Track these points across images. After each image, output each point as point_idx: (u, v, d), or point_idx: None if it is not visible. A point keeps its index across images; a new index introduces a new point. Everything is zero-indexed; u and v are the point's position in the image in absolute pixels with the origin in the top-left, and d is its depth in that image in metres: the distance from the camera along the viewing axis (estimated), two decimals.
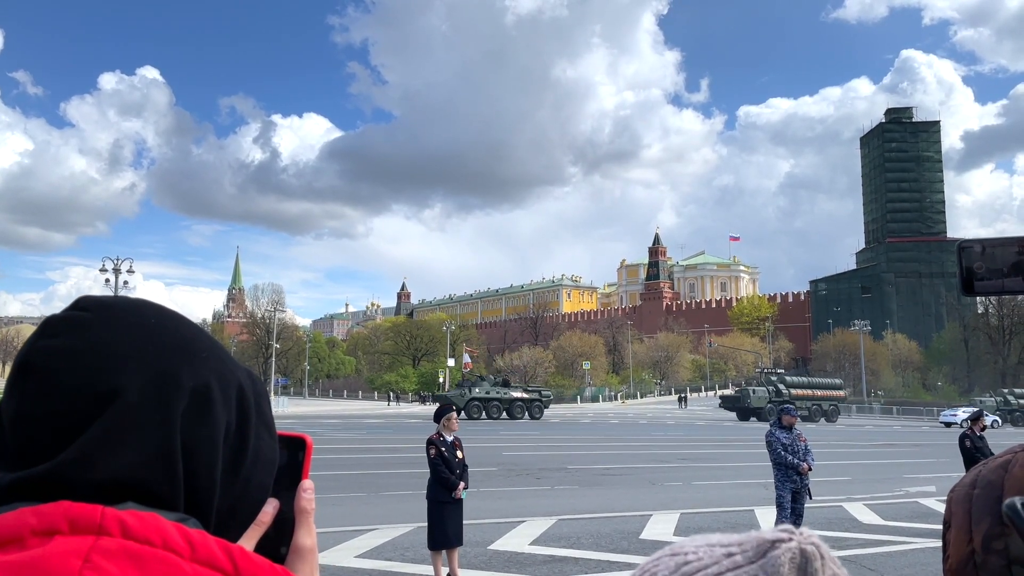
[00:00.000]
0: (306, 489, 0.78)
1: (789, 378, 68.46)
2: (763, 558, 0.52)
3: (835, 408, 66.31)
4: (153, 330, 0.70)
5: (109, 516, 0.59)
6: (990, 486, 0.78)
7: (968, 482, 0.82)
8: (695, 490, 16.83)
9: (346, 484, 16.08)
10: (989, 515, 0.76)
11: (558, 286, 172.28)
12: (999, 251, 0.84)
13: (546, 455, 24.61)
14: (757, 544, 0.54)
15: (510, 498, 14.80)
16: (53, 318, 0.70)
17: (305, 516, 0.77)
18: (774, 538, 0.54)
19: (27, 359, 0.67)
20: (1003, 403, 68.11)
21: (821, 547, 0.54)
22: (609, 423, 51.49)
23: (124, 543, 0.58)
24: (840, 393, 69.79)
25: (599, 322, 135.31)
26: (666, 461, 23.62)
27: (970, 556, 0.76)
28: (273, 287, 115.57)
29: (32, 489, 0.62)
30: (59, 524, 0.58)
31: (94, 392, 0.65)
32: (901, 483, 18.53)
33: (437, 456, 8.14)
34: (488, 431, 36.52)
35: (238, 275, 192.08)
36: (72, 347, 0.67)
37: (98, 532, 0.58)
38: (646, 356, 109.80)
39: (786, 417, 10.53)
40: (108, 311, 0.70)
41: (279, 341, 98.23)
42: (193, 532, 0.61)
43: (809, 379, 70.19)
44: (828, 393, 67.21)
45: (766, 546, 0.53)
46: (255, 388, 0.75)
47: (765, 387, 65.16)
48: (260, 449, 0.74)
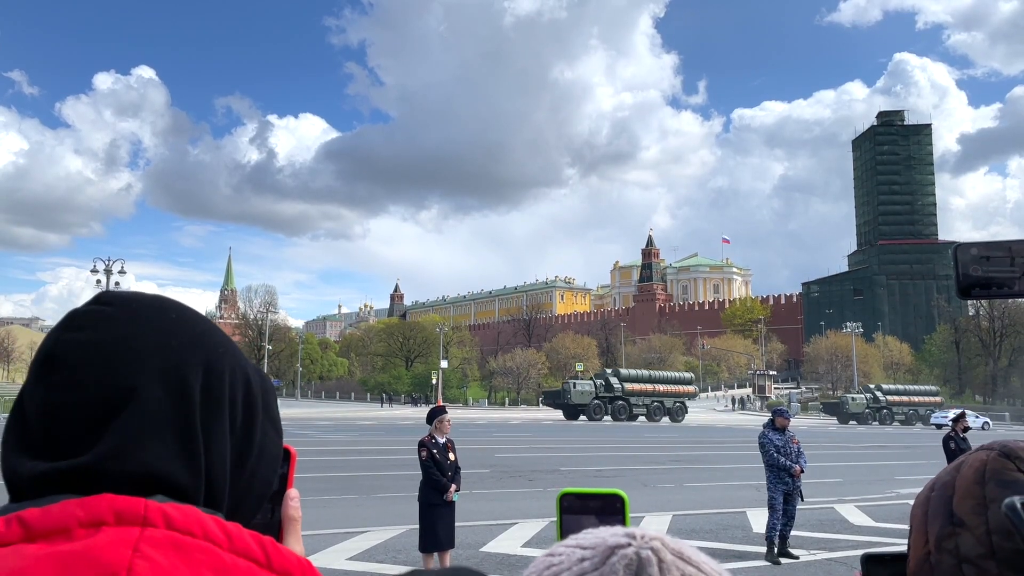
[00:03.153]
0: (292, 498, 0.81)
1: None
2: (604, 565, 0.53)
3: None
4: (174, 325, 0.72)
5: (153, 508, 0.61)
6: (944, 487, 0.79)
7: (929, 486, 0.83)
8: (688, 492, 16.84)
9: (338, 486, 16.02)
10: (941, 516, 0.77)
11: (551, 288, 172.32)
12: (994, 254, 0.85)
13: (539, 457, 24.58)
14: (602, 550, 0.54)
15: (503, 500, 14.77)
16: (77, 312, 0.72)
17: (292, 524, 0.80)
18: (614, 544, 0.54)
19: (53, 351, 0.69)
20: (872, 400, 68.40)
21: (661, 551, 0.54)
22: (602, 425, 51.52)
23: (169, 534, 0.60)
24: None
25: (592, 324, 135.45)
26: (659, 463, 23.64)
27: (926, 557, 0.78)
28: (266, 288, 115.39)
29: (67, 479, 0.63)
30: (105, 516, 0.60)
31: (120, 385, 0.67)
32: (892, 484, 18.58)
33: (429, 458, 8.10)
34: (482, 433, 36.47)
35: (230, 276, 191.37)
36: (98, 341, 0.68)
37: (143, 524, 0.60)
38: (639, 358, 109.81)
39: (779, 419, 10.53)
40: (130, 306, 0.71)
41: (271, 342, 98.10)
42: (229, 524, 0.64)
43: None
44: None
45: (607, 552, 0.54)
46: (263, 384, 0.78)
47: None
48: (265, 444, 0.75)
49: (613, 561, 0.53)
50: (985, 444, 0.81)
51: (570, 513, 0.77)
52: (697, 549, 0.56)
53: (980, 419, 56.89)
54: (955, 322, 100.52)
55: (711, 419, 64.30)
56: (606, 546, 0.54)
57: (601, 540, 0.55)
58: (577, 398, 57.33)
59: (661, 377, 63.99)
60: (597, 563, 0.53)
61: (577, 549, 0.56)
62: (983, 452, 0.79)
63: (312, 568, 0.67)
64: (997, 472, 0.76)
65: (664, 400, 61.17)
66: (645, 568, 0.52)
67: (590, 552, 0.54)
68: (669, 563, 0.53)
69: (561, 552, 0.57)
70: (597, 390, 58.76)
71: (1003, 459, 0.77)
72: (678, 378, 65.48)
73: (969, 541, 0.73)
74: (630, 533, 0.55)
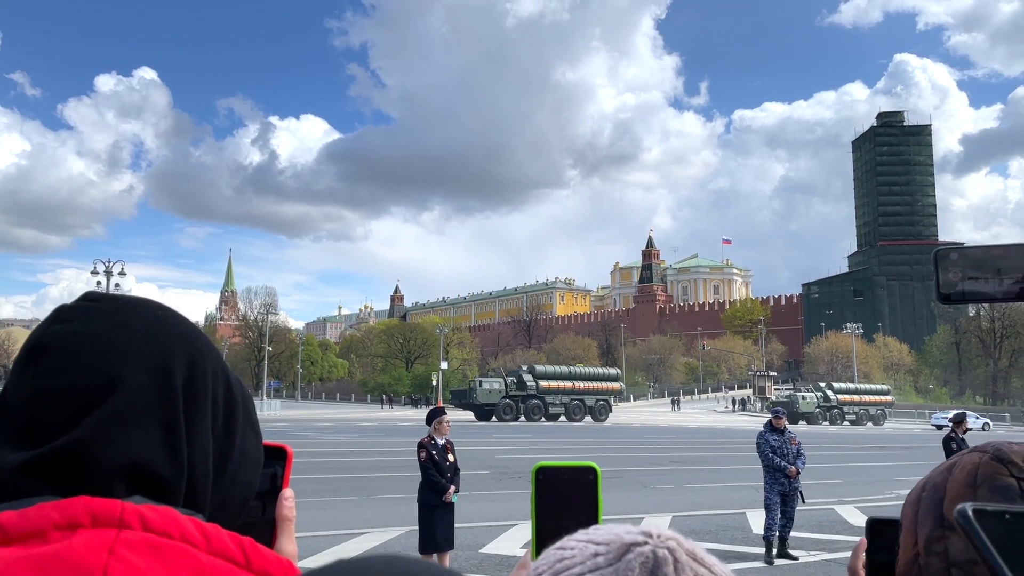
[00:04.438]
0: (287, 497, 0.81)
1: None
2: (619, 561, 0.53)
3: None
4: (160, 321, 0.73)
5: (129, 510, 0.61)
6: (935, 488, 0.78)
7: (920, 485, 0.82)
8: (687, 493, 16.84)
9: (337, 487, 16.03)
10: (931, 517, 0.76)
11: (551, 289, 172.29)
12: (974, 259, 0.85)
13: (538, 458, 24.42)
14: (618, 546, 0.54)
15: (502, 501, 14.77)
16: (66, 306, 0.73)
17: (287, 523, 0.80)
18: (631, 541, 0.54)
19: (41, 341, 0.69)
20: (823, 399, 67.49)
21: (677, 551, 0.53)
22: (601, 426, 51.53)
23: (145, 536, 0.60)
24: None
25: (592, 325, 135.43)
26: (658, 464, 23.65)
27: (915, 558, 0.77)
28: (266, 290, 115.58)
29: (48, 465, 0.64)
30: (81, 518, 0.60)
31: (106, 374, 0.67)
32: (892, 485, 18.58)
33: (428, 459, 8.10)
34: (481, 434, 36.47)
35: (230, 278, 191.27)
36: (86, 331, 0.69)
37: (119, 526, 0.60)
38: (639, 359, 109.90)
39: (776, 419, 10.54)
40: (116, 302, 0.73)
41: (272, 344, 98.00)
42: (207, 525, 0.64)
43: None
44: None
45: (623, 549, 0.53)
46: (242, 390, 0.78)
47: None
48: (246, 448, 0.76)
49: (629, 558, 0.52)
50: (979, 446, 0.80)
51: (545, 486, 0.78)
52: (706, 550, 0.56)
53: (980, 420, 56.89)
54: (955, 323, 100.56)
55: (711, 420, 64.25)
56: (622, 543, 0.54)
57: (616, 536, 0.55)
58: (483, 397, 54.55)
59: (581, 374, 60.60)
60: (612, 559, 0.53)
61: (590, 544, 0.55)
62: (976, 454, 0.78)
63: (292, 568, 0.67)
64: (989, 476, 0.75)
65: (585, 398, 58.19)
66: (661, 567, 0.52)
67: (604, 548, 0.54)
68: (684, 563, 0.53)
69: (572, 546, 0.56)
70: (508, 388, 55.68)
71: (996, 463, 0.76)
72: (601, 374, 62.08)
73: (959, 545, 0.71)
74: (646, 531, 0.55)
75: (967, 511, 0.61)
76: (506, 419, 54.45)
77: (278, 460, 0.83)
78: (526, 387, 56.26)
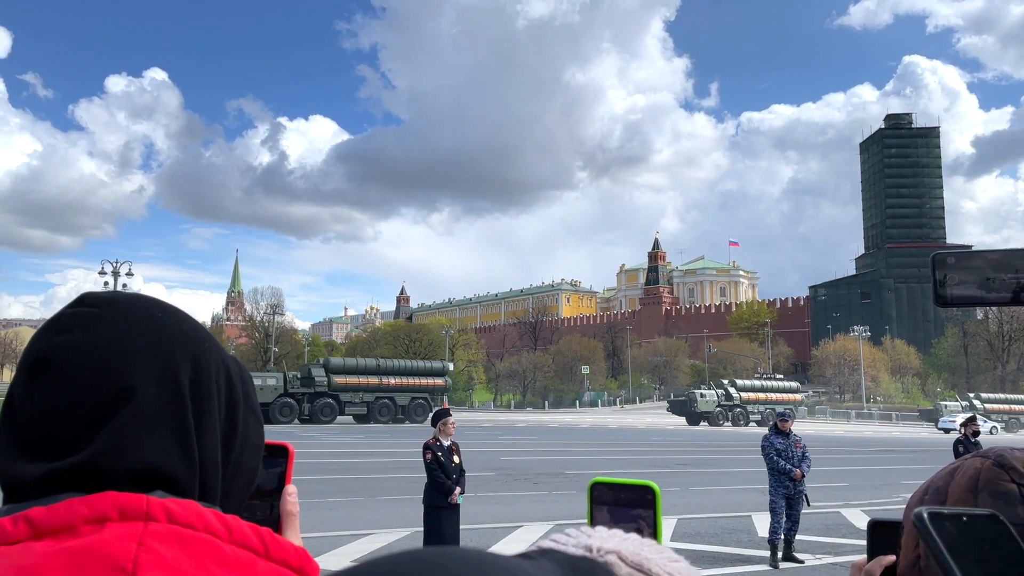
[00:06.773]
0: (290, 493, 0.83)
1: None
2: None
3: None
4: (161, 323, 0.73)
5: (154, 504, 0.63)
6: (937, 492, 0.79)
7: (923, 489, 0.83)
8: (692, 496, 16.82)
9: (343, 488, 16.07)
10: None
11: (557, 290, 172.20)
12: (970, 264, 0.86)
13: (544, 460, 24.58)
14: (565, 561, 0.51)
15: (507, 503, 14.78)
16: (63, 314, 0.73)
17: (291, 518, 0.82)
18: (578, 557, 0.52)
19: (44, 355, 0.70)
20: (725, 397, 62.23)
21: (616, 565, 0.51)
22: (608, 427, 51.45)
23: (172, 528, 0.62)
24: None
25: (598, 327, 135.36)
26: (664, 466, 23.61)
27: (915, 561, 0.77)
28: (272, 290, 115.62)
29: (66, 478, 0.65)
30: (109, 512, 0.62)
31: (116, 385, 0.68)
32: (899, 489, 18.52)
33: (433, 461, 8.12)
34: (488, 436, 36.46)
35: (237, 278, 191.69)
36: (90, 343, 0.69)
37: (146, 519, 0.62)
38: (645, 361, 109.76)
39: (781, 422, 10.52)
40: (115, 306, 0.73)
41: (278, 345, 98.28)
42: (228, 517, 0.66)
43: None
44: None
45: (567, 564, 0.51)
46: (241, 374, 0.79)
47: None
48: (248, 434, 0.77)
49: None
50: (982, 451, 0.80)
51: (601, 503, 0.76)
52: (668, 554, 0.53)
53: (988, 423, 56.58)
54: (963, 326, 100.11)
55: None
56: (568, 557, 0.51)
57: (565, 547, 0.53)
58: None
59: (391, 368, 52.89)
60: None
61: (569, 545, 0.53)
62: (978, 460, 0.78)
63: (308, 557, 0.69)
64: (991, 482, 0.75)
65: (395, 396, 51.21)
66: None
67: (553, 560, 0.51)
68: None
69: (564, 540, 0.54)
70: (287, 385, 48.36)
71: (997, 469, 0.76)
72: (419, 368, 54.06)
73: None
74: (589, 547, 0.52)
75: (923, 514, 0.63)
76: (282, 421, 46.57)
77: (280, 458, 0.84)
78: (314, 383, 48.92)
